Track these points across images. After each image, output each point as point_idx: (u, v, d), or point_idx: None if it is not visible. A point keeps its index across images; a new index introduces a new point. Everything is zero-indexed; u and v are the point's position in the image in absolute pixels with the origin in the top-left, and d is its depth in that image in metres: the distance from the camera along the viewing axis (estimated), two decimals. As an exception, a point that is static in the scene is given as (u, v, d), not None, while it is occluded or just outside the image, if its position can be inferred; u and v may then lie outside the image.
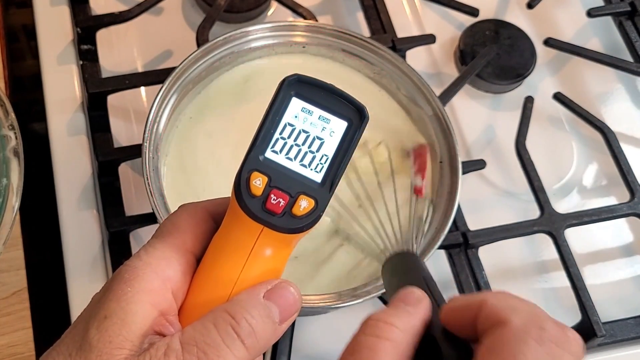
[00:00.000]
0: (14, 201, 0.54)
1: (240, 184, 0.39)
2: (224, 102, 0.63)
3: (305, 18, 0.72)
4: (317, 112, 0.40)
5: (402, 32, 0.75)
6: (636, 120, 0.78)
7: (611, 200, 0.73)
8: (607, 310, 0.66)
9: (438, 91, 0.68)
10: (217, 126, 0.62)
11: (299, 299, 0.40)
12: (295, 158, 0.40)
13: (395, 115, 0.64)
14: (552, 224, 0.66)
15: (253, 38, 0.63)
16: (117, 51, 0.75)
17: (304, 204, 0.39)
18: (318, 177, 0.40)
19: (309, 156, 0.40)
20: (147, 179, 0.56)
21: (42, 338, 0.62)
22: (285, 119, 0.40)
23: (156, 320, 0.38)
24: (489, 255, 0.66)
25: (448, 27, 0.80)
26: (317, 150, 0.40)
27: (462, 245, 0.65)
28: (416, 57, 0.75)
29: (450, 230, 0.58)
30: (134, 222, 0.64)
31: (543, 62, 0.79)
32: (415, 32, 0.78)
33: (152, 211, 0.56)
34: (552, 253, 0.66)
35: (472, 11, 0.77)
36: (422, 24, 0.80)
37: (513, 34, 0.78)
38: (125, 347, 0.37)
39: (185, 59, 0.60)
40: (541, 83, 0.78)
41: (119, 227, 0.63)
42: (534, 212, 0.68)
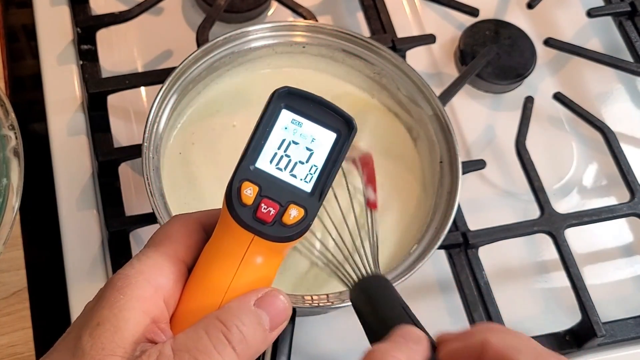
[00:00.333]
0: (14, 201, 0.54)
1: (232, 193, 0.40)
2: (225, 104, 0.63)
3: (305, 18, 0.72)
4: (307, 123, 0.41)
5: (402, 32, 0.75)
6: (636, 120, 0.78)
7: (611, 200, 0.73)
8: (607, 310, 0.66)
9: (438, 91, 0.68)
10: (217, 126, 0.62)
11: (289, 307, 0.41)
12: (285, 168, 0.40)
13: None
14: (552, 224, 0.66)
15: (253, 38, 0.63)
16: (117, 51, 0.75)
17: (294, 213, 0.40)
18: (307, 187, 0.40)
19: (299, 166, 0.40)
20: (147, 179, 0.56)
21: (42, 338, 0.62)
22: (276, 131, 0.41)
23: (148, 327, 0.38)
24: (489, 255, 0.66)
25: (448, 27, 0.80)
26: (307, 161, 0.41)
27: (462, 245, 0.65)
28: (416, 57, 0.75)
29: (450, 230, 0.58)
30: (134, 222, 0.64)
31: (543, 62, 0.79)
32: (415, 32, 0.78)
33: (152, 211, 0.56)
34: (552, 253, 0.66)
35: (472, 11, 0.77)
36: (422, 24, 0.80)
37: (513, 34, 0.78)
38: (117, 353, 0.37)
39: (185, 59, 0.60)
40: (541, 83, 0.78)
41: (118, 227, 0.63)
42: (534, 212, 0.68)
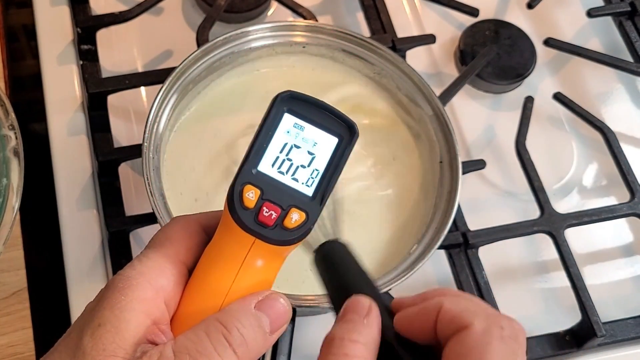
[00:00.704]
0: (14, 201, 0.54)
1: (234, 196, 0.40)
2: (225, 104, 0.63)
3: (305, 18, 0.72)
4: (309, 127, 0.41)
5: (402, 32, 0.75)
6: (636, 120, 0.78)
7: (611, 200, 0.73)
8: (607, 310, 0.66)
9: (438, 91, 0.68)
10: (218, 127, 0.62)
11: (289, 310, 0.41)
12: (287, 172, 0.40)
13: None
14: (552, 224, 0.66)
15: (253, 38, 0.63)
16: (117, 51, 0.75)
17: (296, 217, 0.40)
18: (309, 191, 0.40)
19: (301, 170, 0.41)
20: (147, 179, 0.56)
21: (42, 338, 0.62)
22: (278, 134, 0.41)
23: (149, 329, 0.38)
24: (489, 255, 0.66)
25: (448, 27, 0.80)
26: (309, 165, 0.41)
27: (462, 245, 0.65)
28: (416, 57, 0.75)
29: (450, 230, 0.58)
30: (134, 222, 0.64)
31: (543, 62, 0.79)
32: (415, 32, 0.78)
33: (152, 211, 0.56)
34: (552, 253, 0.66)
35: (472, 11, 0.77)
36: (422, 24, 0.80)
37: (513, 34, 0.78)
38: (118, 354, 0.37)
39: (185, 59, 0.60)
40: (541, 83, 0.78)
41: (118, 227, 0.63)
42: (534, 212, 0.67)
